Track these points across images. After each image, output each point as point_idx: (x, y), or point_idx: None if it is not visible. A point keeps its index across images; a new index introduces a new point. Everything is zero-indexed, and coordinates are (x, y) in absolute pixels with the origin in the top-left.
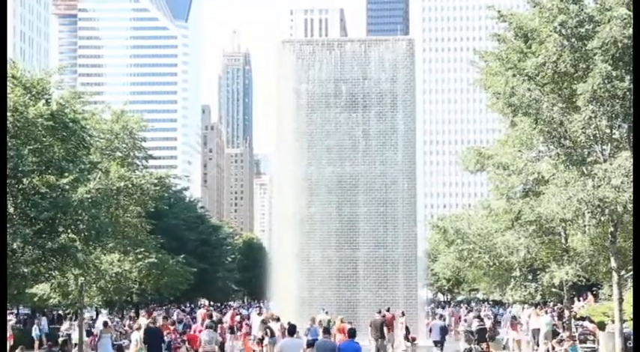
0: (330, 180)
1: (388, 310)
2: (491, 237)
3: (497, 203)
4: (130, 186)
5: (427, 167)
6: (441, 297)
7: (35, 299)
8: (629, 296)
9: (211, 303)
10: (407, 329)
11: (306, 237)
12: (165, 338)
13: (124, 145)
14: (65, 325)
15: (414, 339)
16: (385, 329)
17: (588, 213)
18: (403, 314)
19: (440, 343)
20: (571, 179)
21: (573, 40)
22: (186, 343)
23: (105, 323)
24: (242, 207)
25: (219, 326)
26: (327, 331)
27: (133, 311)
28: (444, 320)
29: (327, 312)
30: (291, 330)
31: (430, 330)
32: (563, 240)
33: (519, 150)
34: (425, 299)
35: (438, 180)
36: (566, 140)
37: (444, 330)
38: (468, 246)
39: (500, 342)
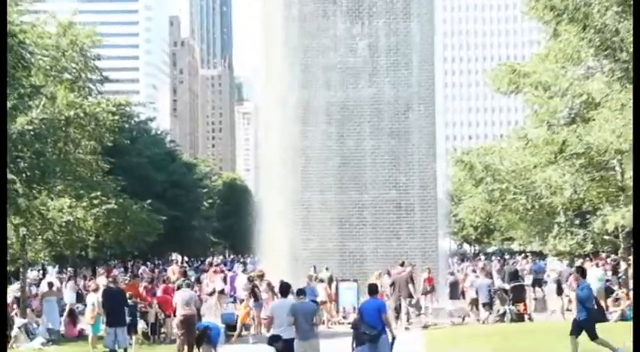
0: (329, 106)
1: (403, 264)
2: (528, 173)
3: (536, 132)
4: (82, 115)
5: (448, 90)
6: (467, 249)
7: None
8: None
9: (187, 259)
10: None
11: (301, 177)
12: (130, 301)
13: (74, 65)
14: (14, 286)
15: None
16: (410, 286)
17: None
18: (402, 264)
19: (489, 305)
20: (628, 101)
21: None
22: (157, 306)
23: (50, 284)
24: (221, 142)
25: (197, 286)
26: (300, 292)
27: (89, 269)
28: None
29: (327, 268)
30: (284, 290)
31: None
32: (618, 177)
33: (563, 67)
34: (448, 251)
35: (462, 105)
36: (623, 52)
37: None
38: (500, 186)
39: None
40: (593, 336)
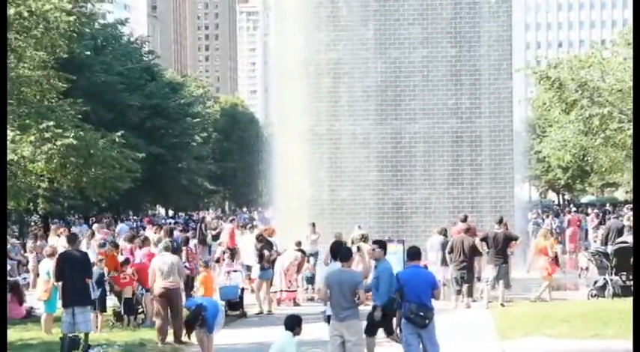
0: (367, 4)
1: (465, 219)
2: None
3: None
4: (27, 15)
5: None
6: (553, 198)
7: None
8: None
9: (175, 214)
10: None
11: (327, 102)
12: (96, 269)
13: None
14: None
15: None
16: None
17: None
18: (501, 221)
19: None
20: None
21: None
22: (133, 276)
23: None
24: (218, 53)
25: (185, 249)
26: (345, 256)
27: (39, 226)
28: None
29: (360, 227)
30: (340, 251)
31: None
32: None
33: None
34: (527, 200)
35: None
36: None
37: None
38: (600, 110)
39: None
40: None
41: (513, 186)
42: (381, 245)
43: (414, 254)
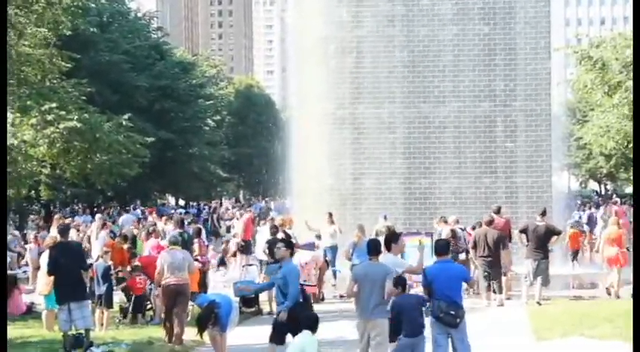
0: None
1: (499, 210)
2: None
3: None
4: None
5: None
6: (595, 187)
7: None
8: None
9: (186, 204)
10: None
11: (350, 83)
12: (101, 262)
13: None
14: None
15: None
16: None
17: None
18: (544, 213)
19: None
20: None
21: None
22: (138, 271)
23: None
24: (232, 30)
25: (197, 241)
26: (375, 249)
27: (40, 216)
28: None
29: (386, 217)
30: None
31: None
32: None
33: None
34: (566, 190)
35: None
36: None
37: None
38: None
39: None
40: None
41: (551, 175)
42: (287, 244)
43: (442, 247)
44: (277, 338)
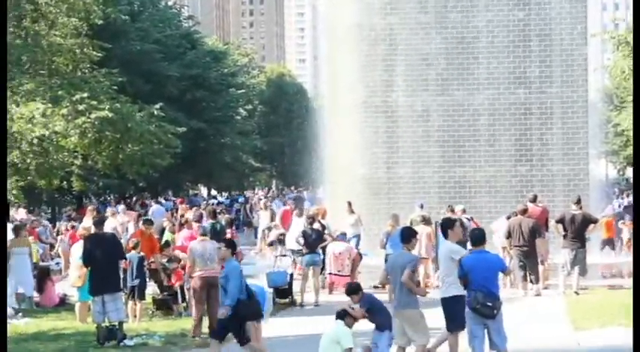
0: None
1: (535, 199)
2: None
3: None
4: None
5: None
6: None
7: None
8: None
9: (218, 194)
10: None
11: (383, 70)
12: (134, 254)
13: None
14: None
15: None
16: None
17: None
18: (579, 201)
19: None
20: None
21: None
22: (175, 264)
23: (17, 229)
24: (263, 18)
25: (229, 231)
26: (408, 236)
27: (72, 208)
28: None
29: (422, 205)
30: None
31: None
32: None
33: None
34: (603, 178)
35: None
36: None
37: None
38: None
39: None
40: None
41: (588, 163)
42: (229, 244)
43: (478, 237)
44: (217, 334)
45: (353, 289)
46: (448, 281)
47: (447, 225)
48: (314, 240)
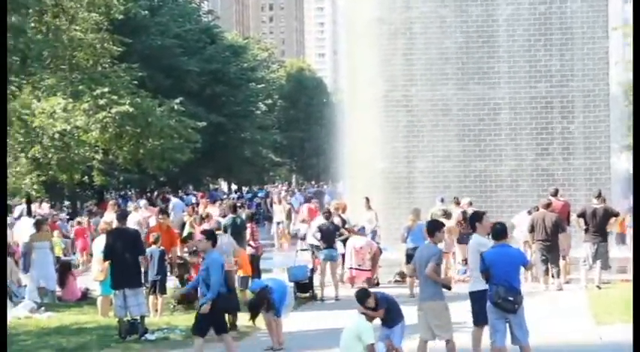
0: None
1: (556, 193)
2: None
3: None
4: None
5: None
6: None
7: None
8: None
9: (239, 188)
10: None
11: (402, 63)
12: (154, 248)
13: None
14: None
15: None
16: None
17: None
18: (599, 195)
19: None
20: None
21: None
22: (196, 258)
23: (39, 224)
24: (283, 13)
25: (249, 225)
26: (434, 229)
27: (93, 203)
28: None
29: (442, 200)
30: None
31: None
32: None
33: None
34: (625, 172)
35: None
36: None
37: None
38: None
39: None
40: None
41: (610, 157)
42: (209, 235)
43: (500, 231)
44: (199, 329)
45: (363, 295)
46: (476, 274)
47: (475, 219)
48: (330, 235)
